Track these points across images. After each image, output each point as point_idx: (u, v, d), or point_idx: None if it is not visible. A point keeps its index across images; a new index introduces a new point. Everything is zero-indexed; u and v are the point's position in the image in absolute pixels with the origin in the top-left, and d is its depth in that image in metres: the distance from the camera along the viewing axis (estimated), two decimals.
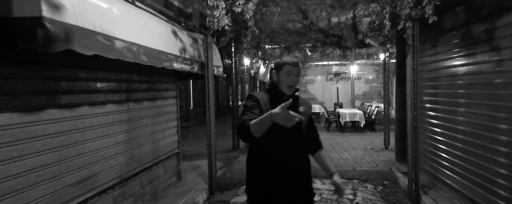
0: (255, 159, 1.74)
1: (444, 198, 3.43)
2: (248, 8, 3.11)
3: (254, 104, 1.69)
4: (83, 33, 1.76)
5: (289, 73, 1.71)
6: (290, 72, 1.71)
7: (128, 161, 3.08)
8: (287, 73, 1.71)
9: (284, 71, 1.71)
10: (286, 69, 1.71)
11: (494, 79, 2.78)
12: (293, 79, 1.72)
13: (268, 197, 1.67)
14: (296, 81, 1.75)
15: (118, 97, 2.95)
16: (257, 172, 1.72)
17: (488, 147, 2.85)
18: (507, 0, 2.52)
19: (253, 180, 1.74)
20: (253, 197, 1.73)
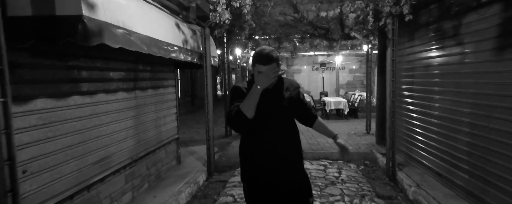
0: (246, 144, 1.79)
1: (416, 174, 3.94)
2: (245, 3, 3.37)
3: (239, 94, 1.71)
4: (111, 28, 2.01)
5: (260, 72, 1.60)
6: (261, 72, 1.60)
7: (136, 144, 3.36)
8: (259, 72, 1.61)
9: (255, 69, 1.63)
10: (257, 68, 1.62)
11: (460, 69, 3.23)
12: None
13: (260, 180, 1.73)
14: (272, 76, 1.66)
15: (127, 86, 3.19)
16: (248, 157, 1.78)
17: (453, 127, 3.33)
18: (470, 2, 2.93)
19: (245, 164, 1.79)
20: (247, 181, 1.80)
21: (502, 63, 2.58)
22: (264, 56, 1.62)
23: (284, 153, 1.74)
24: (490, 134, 2.73)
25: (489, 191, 2.73)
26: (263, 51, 1.64)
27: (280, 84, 1.81)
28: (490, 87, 2.74)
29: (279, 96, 1.77)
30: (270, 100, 1.71)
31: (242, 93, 1.70)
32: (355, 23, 4.10)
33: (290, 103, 1.78)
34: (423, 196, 3.27)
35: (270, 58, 1.61)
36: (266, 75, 1.55)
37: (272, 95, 1.74)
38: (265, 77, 1.55)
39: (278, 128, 1.73)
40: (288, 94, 1.79)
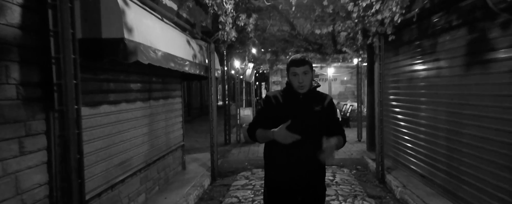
0: (270, 150, 1.83)
1: (403, 176, 4.34)
2: (249, 22, 3.80)
3: (264, 106, 1.81)
4: (143, 48, 2.38)
5: (295, 74, 1.72)
6: (295, 73, 1.72)
7: (150, 150, 3.68)
8: (293, 74, 1.73)
9: (290, 73, 1.74)
10: (291, 71, 1.73)
11: (437, 82, 3.70)
12: (300, 79, 1.71)
13: (280, 188, 1.78)
14: (306, 79, 1.72)
15: (143, 96, 3.54)
16: (271, 162, 1.83)
17: (432, 133, 3.76)
18: (443, 24, 3.42)
19: (268, 169, 1.85)
20: (268, 186, 1.86)
21: (468, 77, 3.04)
22: (298, 59, 1.72)
23: (305, 166, 1.73)
24: (461, 138, 3.16)
25: (462, 187, 3.14)
26: (297, 56, 1.77)
27: (312, 96, 1.80)
28: (459, 98, 3.19)
29: (308, 108, 1.76)
30: (298, 111, 1.74)
31: (266, 105, 1.80)
32: (346, 39, 4.56)
33: (319, 118, 1.75)
34: (408, 195, 3.66)
35: (303, 61, 1.71)
36: (286, 135, 1.57)
37: (301, 106, 1.76)
38: (283, 136, 1.59)
39: (302, 140, 1.66)
40: (318, 109, 1.77)
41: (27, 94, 1.89)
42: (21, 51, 1.84)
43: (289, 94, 1.80)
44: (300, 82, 1.71)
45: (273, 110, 1.78)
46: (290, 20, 5.05)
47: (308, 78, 1.72)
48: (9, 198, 1.78)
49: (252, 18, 3.89)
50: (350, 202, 3.70)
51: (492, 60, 2.71)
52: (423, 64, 4.03)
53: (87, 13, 2.08)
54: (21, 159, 1.86)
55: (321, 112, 1.78)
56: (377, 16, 3.19)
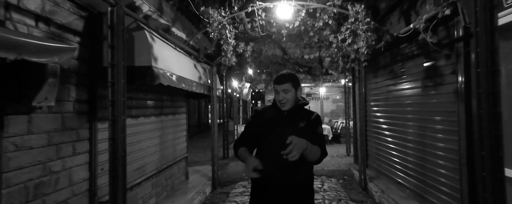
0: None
1: (383, 184, 4.89)
2: (247, 49, 4.50)
3: (251, 121, 1.88)
4: (163, 72, 3.01)
5: (276, 92, 1.76)
6: (276, 91, 1.76)
7: (160, 159, 4.22)
8: (275, 92, 1.78)
9: (274, 90, 1.80)
10: (274, 88, 1.78)
11: (406, 100, 4.36)
12: (280, 97, 1.73)
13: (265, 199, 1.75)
14: (287, 97, 1.72)
15: (156, 112, 4.14)
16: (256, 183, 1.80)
17: (404, 145, 4.37)
18: (407, 53, 4.14)
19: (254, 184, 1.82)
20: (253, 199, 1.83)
21: (426, 96, 3.71)
22: (279, 77, 1.76)
23: (288, 184, 1.70)
24: (425, 147, 3.77)
25: (427, 190, 3.71)
26: (282, 72, 1.80)
27: (297, 113, 1.79)
28: (422, 113, 3.84)
29: (292, 124, 1.74)
30: (282, 127, 1.73)
31: (253, 122, 1.87)
32: (331, 64, 5.27)
33: (302, 134, 1.62)
34: (385, 198, 4.20)
35: (283, 79, 1.73)
36: (248, 168, 1.59)
37: (285, 122, 1.76)
38: (248, 169, 1.60)
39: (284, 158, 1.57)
40: (302, 125, 1.74)
41: (79, 109, 2.50)
42: (77, 77, 2.46)
43: (275, 110, 1.82)
44: (280, 100, 1.73)
45: (259, 125, 1.81)
46: (282, 46, 5.79)
47: (289, 96, 1.73)
48: (65, 187, 2.33)
49: (250, 46, 4.58)
50: None
51: (441, 83, 3.39)
52: (395, 85, 4.72)
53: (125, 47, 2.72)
54: (73, 158, 2.43)
55: (305, 129, 1.72)
56: (353, 46, 3.89)
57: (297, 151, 1.47)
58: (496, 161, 1.79)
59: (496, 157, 1.79)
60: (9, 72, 1.80)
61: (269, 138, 1.74)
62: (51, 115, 2.18)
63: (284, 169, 1.69)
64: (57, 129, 2.25)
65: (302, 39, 4.96)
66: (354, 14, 3.45)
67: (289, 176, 1.70)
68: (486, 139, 1.80)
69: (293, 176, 1.71)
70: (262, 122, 1.82)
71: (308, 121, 1.78)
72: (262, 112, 1.89)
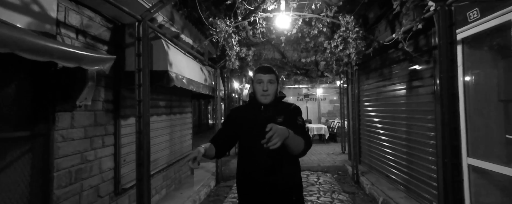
0: (239, 169, 1.76)
1: (373, 177, 5.32)
2: (249, 54, 4.92)
3: (225, 121, 1.80)
4: (177, 76, 3.43)
5: (260, 81, 1.64)
6: (260, 80, 1.64)
7: (169, 154, 4.62)
8: (258, 81, 1.65)
9: (255, 80, 1.66)
10: (257, 78, 1.66)
11: (395, 100, 4.79)
12: (265, 86, 1.62)
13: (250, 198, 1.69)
14: (271, 88, 1.64)
15: (167, 111, 4.54)
16: (239, 183, 1.75)
17: (393, 141, 4.80)
18: (394, 58, 4.57)
19: (238, 182, 1.76)
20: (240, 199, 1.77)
21: (411, 97, 4.14)
22: (266, 67, 1.69)
23: (273, 183, 1.62)
24: (409, 143, 4.20)
25: (411, 181, 4.14)
26: (264, 64, 1.75)
27: (275, 107, 1.71)
28: (407, 113, 4.27)
29: (269, 120, 1.60)
30: (258, 123, 1.60)
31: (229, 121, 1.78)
32: (326, 67, 5.70)
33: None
34: (375, 190, 4.62)
35: (270, 69, 1.68)
36: (189, 156, 1.45)
37: (262, 118, 1.66)
38: (188, 156, 1.46)
39: (268, 155, 1.58)
40: (280, 120, 1.64)
41: (106, 107, 2.91)
42: (105, 80, 2.87)
43: (251, 106, 1.74)
44: (264, 90, 1.63)
45: (234, 124, 1.73)
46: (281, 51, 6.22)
47: (273, 88, 1.66)
48: (97, 174, 2.74)
49: (251, 50, 5.00)
50: (329, 196, 4.65)
51: (422, 85, 3.82)
52: (385, 86, 5.15)
53: None
54: (102, 149, 2.84)
55: (283, 123, 1.57)
56: (345, 51, 4.31)
57: (278, 138, 1.32)
58: (454, 149, 2.21)
59: (454, 146, 2.21)
60: (58, 77, 2.21)
61: (248, 138, 1.66)
62: (87, 113, 2.59)
63: (268, 168, 1.61)
64: (91, 124, 2.66)
65: (299, 44, 5.40)
66: (345, 24, 3.88)
67: (273, 175, 1.61)
68: (446, 131, 2.22)
69: (278, 174, 1.62)
70: (239, 120, 1.73)
71: (286, 114, 1.68)
72: (238, 110, 1.82)
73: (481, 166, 2.76)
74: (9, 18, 1.72)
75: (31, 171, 2.03)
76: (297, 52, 5.95)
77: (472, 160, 2.88)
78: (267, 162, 1.62)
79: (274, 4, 3.77)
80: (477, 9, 2.62)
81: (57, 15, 2.19)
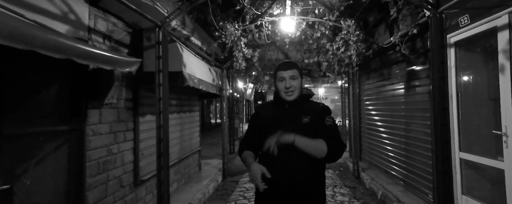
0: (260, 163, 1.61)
1: (373, 173, 5.57)
2: (254, 55, 5.17)
3: (251, 121, 1.73)
4: (189, 76, 3.68)
5: (282, 79, 1.57)
6: (282, 78, 1.57)
7: (180, 150, 4.88)
8: (280, 79, 1.59)
9: (277, 78, 1.60)
10: (278, 76, 1.60)
11: (393, 99, 5.03)
12: (287, 84, 1.55)
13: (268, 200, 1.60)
14: (295, 84, 1.56)
15: (177, 109, 4.81)
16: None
17: (392, 138, 5.04)
18: (393, 59, 4.81)
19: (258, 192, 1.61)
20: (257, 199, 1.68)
21: (409, 96, 4.39)
22: (286, 62, 1.61)
23: (293, 186, 1.54)
24: (408, 140, 4.44)
25: (409, 176, 4.39)
26: (283, 60, 1.67)
27: (301, 105, 1.62)
28: (406, 110, 4.52)
29: (294, 120, 1.57)
30: (283, 124, 1.56)
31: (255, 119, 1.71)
32: (328, 67, 5.94)
33: (306, 131, 1.53)
34: (374, 184, 4.87)
35: (291, 64, 1.59)
36: (254, 177, 1.44)
37: (287, 118, 1.59)
38: (252, 179, 1.46)
39: (288, 156, 1.52)
40: (306, 120, 1.56)
41: (127, 105, 3.17)
42: (126, 80, 3.13)
43: (276, 105, 1.66)
44: (287, 87, 1.56)
45: (259, 124, 1.67)
46: (285, 52, 6.48)
47: (297, 83, 1.57)
48: (119, 166, 3.01)
49: (257, 52, 5.25)
50: (331, 190, 4.90)
51: (419, 85, 4.07)
52: (384, 86, 5.40)
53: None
54: (124, 144, 3.10)
55: (310, 124, 1.54)
56: (347, 53, 4.56)
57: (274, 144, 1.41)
58: (444, 143, 2.46)
59: (444, 140, 2.46)
60: (89, 78, 2.47)
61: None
62: (111, 110, 2.86)
63: (290, 172, 1.53)
64: (115, 120, 2.92)
65: (302, 46, 5.64)
66: (346, 27, 4.13)
67: (296, 180, 1.53)
68: (437, 127, 2.47)
69: (301, 179, 1.54)
70: (264, 120, 1.65)
71: (313, 114, 1.58)
72: (263, 108, 1.73)
73: (472, 159, 3.01)
74: (54, 26, 1.98)
75: (69, 161, 2.29)
76: (300, 53, 6.20)
77: (464, 154, 3.13)
78: (292, 167, 1.53)
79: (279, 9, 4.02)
80: (467, 15, 2.86)
81: (89, 22, 2.45)
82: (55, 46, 1.39)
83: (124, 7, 2.52)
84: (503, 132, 2.55)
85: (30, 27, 1.31)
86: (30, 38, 1.25)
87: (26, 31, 1.25)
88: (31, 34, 1.26)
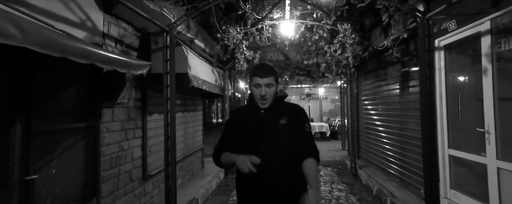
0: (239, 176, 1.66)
1: (370, 170, 5.77)
2: (256, 56, 5.38)
3: (227, 125, 1.67)
4: (193, 77, 3.89)
5: (258, 86, 1.54)
6: (258, 84, 1.53)
7: (184, 147, 5.10)
8: (255, 86, 1.55)
9: (252, 83, 1.56)
10: (254, 81, 1.55)
11: (389, 99, 5.23)
12: (262, 91, 1.52)
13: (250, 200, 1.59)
14: (270, 92, 1.53)
15: (182, 109, 5.02)
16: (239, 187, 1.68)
17: (388, 137, 5.24)
18: (389, 60, 5.01)
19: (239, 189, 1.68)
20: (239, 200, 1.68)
21: (403, 96, 4.59)
22: (263, 68, 1.54)
23: (276, 180, 1.53)
24: (403, 138, 4.64)
25: (405, 173, 4.59)
26: (262, 63, 1.60)
27: (278, 108, 1.61)
28: (401, 109, 4.72)
29: (271, 122, 1.57)
30: (261, 126, 1.57)
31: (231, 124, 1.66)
32: (326, 68, 6.15)
33: (285, 132, 1.55)
34: (370, 181, 5.08)
35: (268, 71, 1.53)
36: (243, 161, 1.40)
37: (264, 120, 1.58)
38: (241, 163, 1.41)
39: (270, 159, 1.50)
40: (283, 121, 1.57)
41: (136, 105, 3.38)
42: (136, 82, 3.35)
43: (251, 108, 1.62)
44: (262, 95, 1.53)
45: (236, 128, 1.63)
46: (285, 53, 6.68)
47: (272, 91, 1.54)
48: (129, 161, 3.22)
49: (258, 53, 5.47)
50: (328, 186, 5.11)
51: (413, 85, 4.27)
52: (380, 86, 5.59)
53: None
54: (134, 140, 3.32)
55: (287, 125, 1.56)
56: (344, 54, 4.76)
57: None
58: (431, 140, 2.66)
59: (431, 137, 2.67)
60: (103, 79, 2.68)
61: (249, 142, 1.54)
62: (122, 109, 3.07)
63: (271, 174, 1.52)
64: (125, 118, 3.14)
65: (302, 48, 5.85)
66: (343, 31, 4.33)
67: (277, 181, 1.54)
68: (425, 125, 2.67)
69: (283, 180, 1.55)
70: (241, 125, 1.62)
71: (289, 116, 1.60)
72: (239, 113, 1.70)
73: (460, 156, 3.22)
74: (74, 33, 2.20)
75: (86, 155, 2.51)
76: (300, 54, 6.41)
77: (452, 151, 3.33)
78: (273, 170, 1.52)
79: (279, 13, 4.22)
80: (454, 21, 3.07)
81: (103, 28, 2.67)
82: (82, 53, 1.60)
83: (134, 14, 2.73)
84: (486, 130, 2.76)
85: (63, 37, 1.52)
86: (63, 47, 1.46)
87: (60, 41, 1.46)
88: (64, 44, 1.47)
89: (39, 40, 1.31)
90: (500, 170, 2.63)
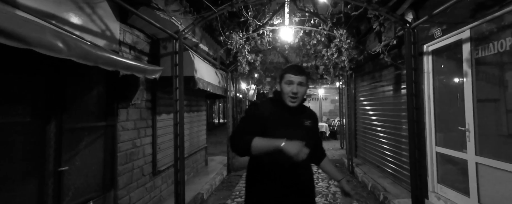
0: (254, 168, 1.62)
1: (366, 168, 6.04)
2: (257, 59, 5.67)
3: (253, 117, 1.57)
4: (200, 80, 4.18)
5: (290, 83, 1.54)
6: (291, 82, 1.54)
7: (189, 145, 5.38)
8: (288, 82, 1.55)
9: (285, 80, 1.56)
10: (286, 78, 1.55)
11: (383, 100, 5.50)
12: (295, 89, 1.53)
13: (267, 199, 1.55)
14: (301, 91, 1.55)
15: (187, 109, 5.31)
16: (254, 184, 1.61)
17: (383, 136, 5.51)
18: (384, 63, 5.28)
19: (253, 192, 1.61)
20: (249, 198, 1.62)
21: (397, 97, 4.86)
22: (298, 67, 1.57)
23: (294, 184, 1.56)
24: (397, 137, 4.91)
25: (398, 170, 4.86)
26: (294, 64, 1.62)
27: (302, 109, 1.67)
28: (395, 110, 4.99)
29: (299, 122, 1.63)
30: (290, 124, 1.59)
31: (257, 117, 1.56)
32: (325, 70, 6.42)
33: (309, 133, 1.62)
34: (366, 178, 5.35)
35: (302, 70, 1.56)
36: (299, 149, 1.33)
37: (292, 119, 1.62)
38: (296, 149, 1.32)
39: (300, 169, 1.56)
40: (308, 124, 1.64)
41: (147, 106, 3.67)
42: (146, 84, 3.64)
43: (277, 106, 1.61)
44: (294, 92, 1.53)
45: (262, 120, 1.55)
46: (285, 56, 6.97)
47: (303, 90, 1.57)
48: (141, 157, 3.51)
49: (259, 56, 5.75)
50: (326, 182, 5.38)
51: (405, 87, 4.54)
52: (376, 88, 5.87)
53: None
54: (145, 138, 3.61)
55: (311, 127, 1.64)
56: (340, 58, 5.04)
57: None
58: (418, 138, 2.94)
59: (417, 135, 2.94)
60: (119, 83, 2.97)
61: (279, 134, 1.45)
62: (136, 109, 3.36)
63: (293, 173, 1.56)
64: (138, 118, 3.43)
65: (301, 51, 6.13)
66: (339, 36, 4.61)
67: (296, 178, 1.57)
68: (411, 124, 2.94)
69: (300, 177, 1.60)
70: (268, 120, 1.55)
71: (312, 119, 1.69)
72: (264, 106, 1.62)
73: (445, 152, 3.49)
74: (96, 41, 2.49)
75: (105, 151, 2.79)
76: (299, 57, 6.69)
77: (439, 148, 3.61)
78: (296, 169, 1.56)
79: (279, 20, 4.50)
80: (439, 28, 3.34)
81: (119, 36, 2.96)
82: (110, 62, 1.89)
83: (146, 23, 3.02)
84: (466, 128, 3.03)
85: (95, 49, 1.80)
86: (96, 57, 1.75)
87: (93, 52, 1.74)
88: (96, 55, 1.76)
89: (79, 52, 1.59)
90: (478, 164, 2.90)
